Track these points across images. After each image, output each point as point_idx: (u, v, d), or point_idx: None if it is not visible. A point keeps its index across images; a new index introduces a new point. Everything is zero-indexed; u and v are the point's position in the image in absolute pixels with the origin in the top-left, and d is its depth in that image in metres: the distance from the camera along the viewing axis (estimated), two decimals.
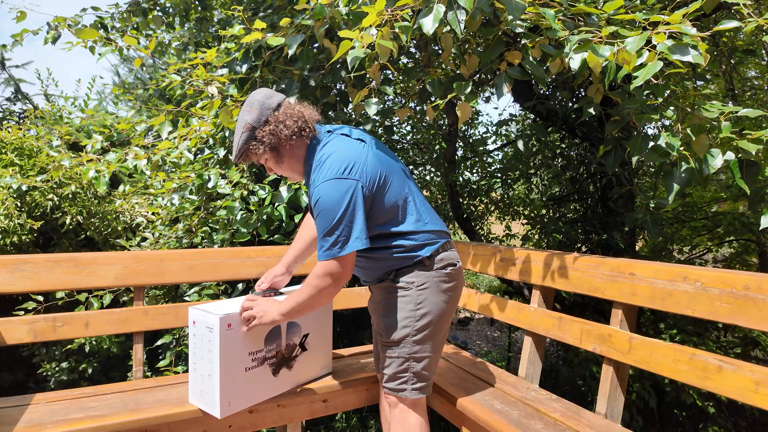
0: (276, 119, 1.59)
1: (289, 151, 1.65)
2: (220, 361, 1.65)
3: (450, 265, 1.70)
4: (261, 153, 1.61)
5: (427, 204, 1.77)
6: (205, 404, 1.73)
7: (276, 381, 1.88)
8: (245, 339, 1.73)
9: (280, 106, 1.62)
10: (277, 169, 1.70)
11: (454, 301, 1.74)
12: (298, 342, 1.94)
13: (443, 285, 1.68)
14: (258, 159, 1.66)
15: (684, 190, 1.66)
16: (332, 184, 1.53)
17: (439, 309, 1.67)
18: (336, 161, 1.56)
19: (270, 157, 1.64)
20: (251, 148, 1.61)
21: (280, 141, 1.60)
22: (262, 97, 1.61)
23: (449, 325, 1.78)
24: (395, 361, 1.69)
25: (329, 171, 1.55)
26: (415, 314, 1.65)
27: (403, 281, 1.67)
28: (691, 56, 1.46)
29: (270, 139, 1.59)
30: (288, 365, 1.92)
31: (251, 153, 1.63)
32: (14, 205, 2.56)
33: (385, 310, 1.71)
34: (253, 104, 1.60)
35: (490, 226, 5.17)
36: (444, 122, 4.43)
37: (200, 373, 1.73)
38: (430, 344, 1.68)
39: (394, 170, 1.67)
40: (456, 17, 1.64)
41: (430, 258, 1.67)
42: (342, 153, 1.58)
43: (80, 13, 3.20)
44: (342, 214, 1.52)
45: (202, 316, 1.69)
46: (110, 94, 5.25)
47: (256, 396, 1.81)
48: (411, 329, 1.65)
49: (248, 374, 1.76)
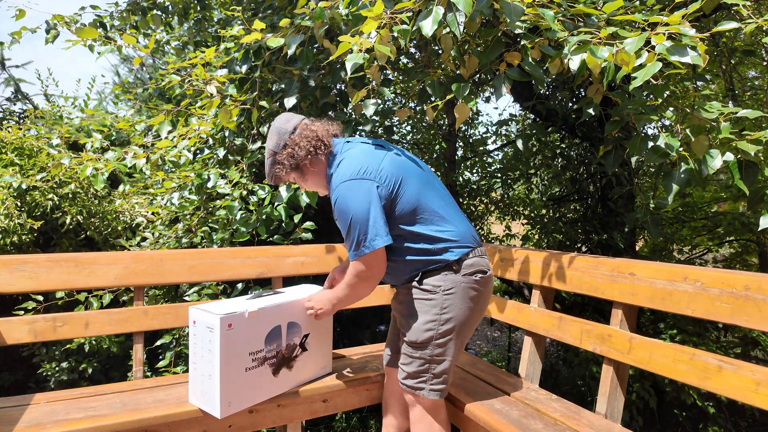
0: (292, 142, 1.72)
1: (310, 169, 1.76)
2: (220, 361, 1.65)
3: (480, 272, 1.70)
4: (286, 174, 1.76)
5: (457, 210, 1.77)
6: (206, 404, 1.73)
7: (276, 381, 1.88)
8: (245, 339, 1.73)
9: (296, 129, 1.74)
10: (303, 184, 1.83)
11: (481, 308, 1.74)
12: (298, 342, 1.94)
13: (471, 292, 1.68)
14: (286, 179, 1.80)
15: (683, 190, 1.66)
16: (347, 185, 1.61)
17: (464, 315, 1.68)
18: (351, 165, 1.65)
19: (295, 176, 1.78)
20: (277, 172, 1.76)
21: (299, 162, 1.73)
22: (280, 123, 1.76)
23: (472, 332, 1.80)
24: (416, 361, 1.71)
25: (344, 173, 1.64)
26: (441, 318, 1.66)
27: (430, 284, 1.67)
28: (690, 57, 1.46)
29: (289, 161, 1.72)
30: (288, 365, 1.92)
31: (278, 175, 1.77)
32: (14, 205, 2.56)
33: (411, 310, 1.71)
34: (273, 131, 1.76)
35: (490, 226, 5.17)
36: (444, 122, 4.44)
37: (200, 373, 1.73)
38: (452, 349, 1.69)
39: (413, 174, 1.70)
40: (455, 19, 1.65)
41: (458, 262, 1.67)
42: (356, 157, 1.67)
43: (79, 11, 3.20)
44: (359, 214, 1.58)
45: (203, 315, 1.69)
46: (110, 94, 5.25)
47: (257, 396, 1.81)
48: (435, 332, 1.66)
49: (248, 374, 1.76)
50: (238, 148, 2.73)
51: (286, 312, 1.87)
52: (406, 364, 1.74)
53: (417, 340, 1.68)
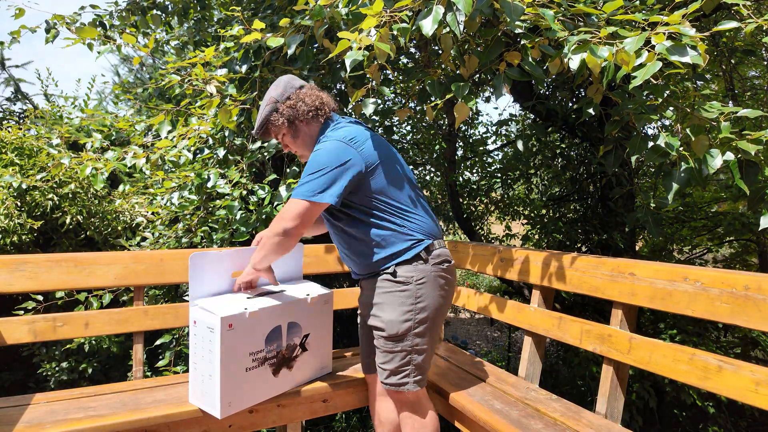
0: (297, 96, 1.77)
1: (305, 128, 1.79)
2: (220, 362, 1.65)
3: (446, 261, 1.78)
4: (279, 125, 1.77)
5: (426, 206, 1.84)
6: (206, 404, 1.73)
7: (276, 381, 1.88)
8: (246, 339, 1.73)
9: (303, 87, 1.80)
10: (292, 145, 1.84)
11: (450, 296, 1.81)
12: (298, 342, 1.94)
13: (440, 280, 1.75)
14: (277, 132, 1.81)
15: (683, 190, 1.66)
16: (334, 144, 1.66)
17: (437, 303, 1.74)
18: (341, 132, 1.71)
19: (287, 131, 1.79)
20: (272, 120, 1.76)
21: (298, 116, 1.76)
22: (288, 78, 1.81)
23: (444, 319, 1.86)
24: (397, 355, 1.72)
25: (332, 136, 1.70)
26: (416, 308, 1.70)
27: (403, 276, 1.72)
28: (690, 57, 1.46)
29: (289, 112, 1.75)
30: (288, 365, 1.92)
31: (271, 125, 1.78)
32: (14, 205, 2.56)
33: (384, 305, 1.74)
34: (279, 83, 1.80)
35: (490, 226, 5.17)
36: (444, 122, 4.43)
37: (201, 373, 1.73)
38: (429, 337, 1.74)
39: (393, 160, 1.78)
40: (455, 18, 1.65)
41: (428, 252, 1.73)
42: (347, 128, 1.75)
43: (79, 11, 3.20)
44: (328, 167, 1.62)
45: (204, 315, 1.68)
46: (110, 94, 5.25)
47: (257, 396, 1.81)
48: (413, 322, 1.70)
49: (249, 374, 1.76)
50: (238, 147, 2.73)
51: (287, 312, 1.87)
52: (386, 362, 1.75)
53: (397, 333, 1.70)
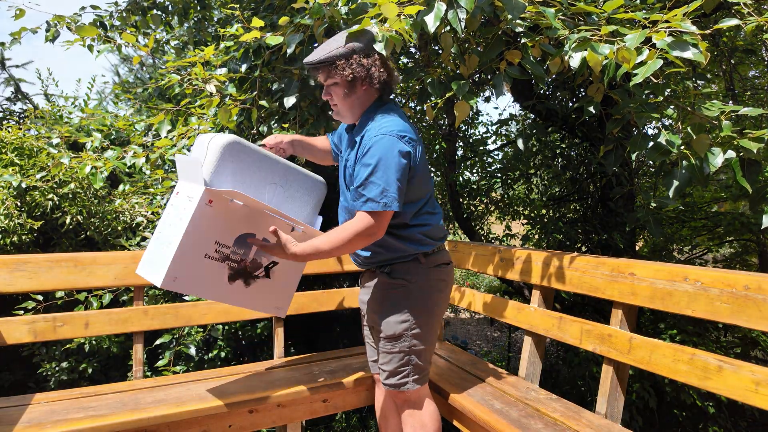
0: (374, 60, 1.63)
1: (362, 92, 1.67)
2: (185, 232, 1.56)
3: (444, 264, 1.78)
4: (344, 73, 1.61)
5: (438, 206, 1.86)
6: (151, 272, 1.63)
7: (228, 288, 1.76)
8: (219, 225, 1.64)
9: (383, 56, 1.66)
10: (338, 100, 1.69)
11: (447, 296, 1.82)
12: (264, 264, 1.83)
13: (439, 282, 1.76)
14: (331, 78, 1.65)
15: (684, 188, 1.65)
16: (393, 140, 1.56)
17: (434, 304, 1.75)
18: (399, 123, 1.61)
19: (343, 85, 1.64)
20: (339, 65, 1.61)
21: (365, 77, 1.62)
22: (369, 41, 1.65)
23: (442, 319, 1.86)
24: (396, 356, 1.72)
25: (392, 127, 1.59)
26: (415, 308, 1.70)
27: (401, 277, 1.72)
28: (691, 53, 1.45)
29: (359, 70, 1.60)
30: (246, 281, 1.81)
31: (332, 68, 1.62)
32: (14, 205, 2.56)
33: (384, 305, 1.74)
34: (362, 39, 1.63)
35: (490, 226, 5.16)
36: (444, 122, 4.43)
37: (161, 242, 1.63)
38: (427, 337, 1.74)
39: (425, 159, 1.74)
40: (456, 16, 1.64)
41: (426, 256, 1.73)
42: (402, 119, 1.65)
43: (79, 11, 3.19)
44: (392, 171, 1.54)
45: (188, 187, 1.61)
46: (110, 94, 5.25)
47: (203, 290, 1.70)
48: (410, 323, 1.70)
49: (205, 262, 1.65)
50: None
51: (269, 224, 1.72)
52: (386, 363, 1.75)
53: (394, 333, 1.70)
